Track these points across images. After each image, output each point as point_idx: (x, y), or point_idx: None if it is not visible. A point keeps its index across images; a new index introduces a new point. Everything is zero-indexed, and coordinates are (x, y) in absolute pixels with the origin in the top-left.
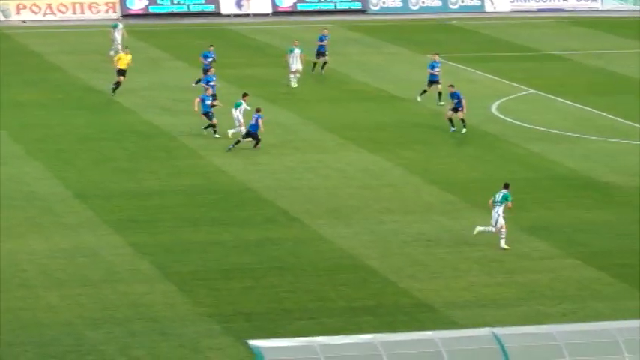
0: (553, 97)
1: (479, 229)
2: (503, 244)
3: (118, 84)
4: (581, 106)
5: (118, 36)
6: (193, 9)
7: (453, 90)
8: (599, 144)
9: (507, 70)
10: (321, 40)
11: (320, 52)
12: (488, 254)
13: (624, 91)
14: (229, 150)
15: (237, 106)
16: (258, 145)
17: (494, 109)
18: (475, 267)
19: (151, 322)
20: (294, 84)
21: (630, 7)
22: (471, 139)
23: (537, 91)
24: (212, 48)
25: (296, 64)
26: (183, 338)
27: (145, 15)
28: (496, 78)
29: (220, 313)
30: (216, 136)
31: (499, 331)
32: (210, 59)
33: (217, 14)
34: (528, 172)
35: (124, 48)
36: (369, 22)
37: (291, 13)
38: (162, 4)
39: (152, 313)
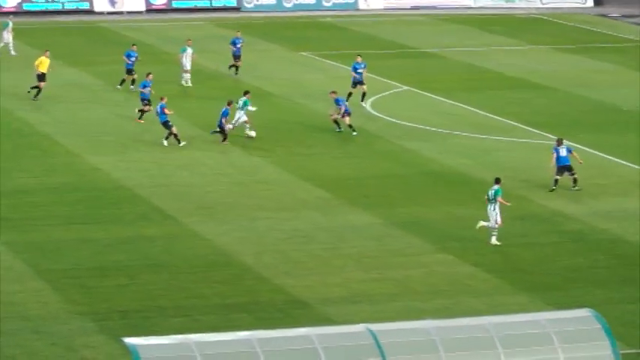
0: (427, 93)
1: (482, 223)
2: (494, 240)
3: (39, 89)
4: (455, 103)
5: (7, 35)
6: (68, 6)
7: (335, 96)
8: (472, 140)
9: (381, 67)
10: (234, 43)
11: (236, 56)
12: (362, 250)
13: (497, 88)
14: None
15: (245, 104)
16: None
17: (368, 106)
18: (349, 263)
19: (24, 320)
20: (188, 83)
21: (502, 4)
22: (345, 136)
23: (411, 88)
24: (135, 47)
25: (189, 63)
26: (57, 337)
27: (18, 12)
28: (370, 75)
29: (95, 312)
30: (182, 144)
31: (374, 327)
32: (133, 58)
33: (91, 12)
34: (402, 169)
35: (45, 50)
36: (243, 19)
37: (166, 10)
38: (36, 2)
39: (24, 311)
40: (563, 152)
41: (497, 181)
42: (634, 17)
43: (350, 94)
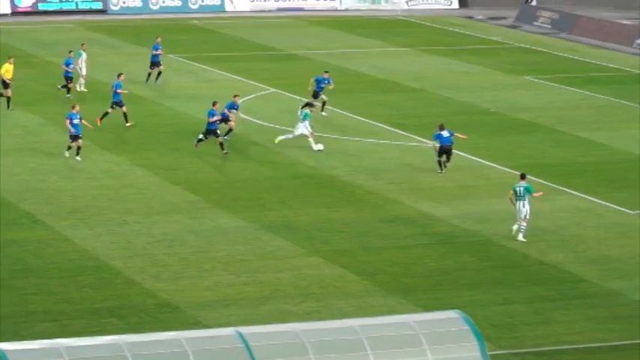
0: (295, 96)
1: (515, 227)
2: (521, 237)
3: (8, 98)
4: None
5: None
6: None
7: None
8: (341, 143)
9: (249, 69)
10: (156, 49)
11: (154, 62)
12: (231, 254)
13: (365, 90)
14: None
15: (306, 117)
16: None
17: None
18: (219, 267)
19: None
20: (82, 88)
21: (368, 6)
22: (213, 140)
23: (279, 91)
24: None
25: (85, 68)
26: None
27: None
28: (238, 77)
29: None
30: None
31: (244, 330)
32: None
33: None
34: (271, 171)
35: (9, 57)
36: (110, 22)
37: (31, 13)
38: None
39: None
40: (445, 134)
41: (523, 176)
42: (500, 19)
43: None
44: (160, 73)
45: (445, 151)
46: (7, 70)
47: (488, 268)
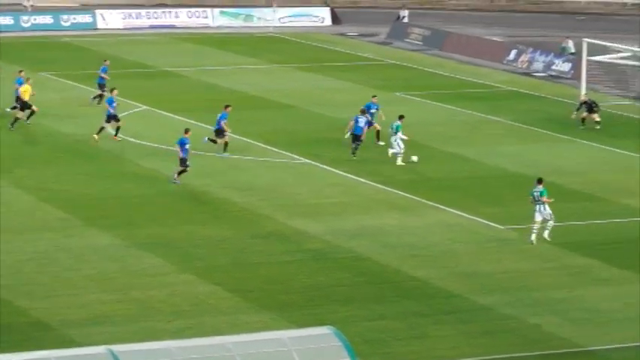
0: (167, 113)
1: (533, 237)
2: (547, 234)
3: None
4: (196, 122)
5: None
6: None
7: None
8: (214, 159)
9: (121, 86)
10: (103, 71)
11: (101, 85)
12: (103, 272)
13: (237, 107)
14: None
15: (397, 129)
16: None
17: (107, 126)
18: (91, 284)
19: None
20: None
21: (240, 23)
22: (85, 156)
23: (151, 108)
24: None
25: None
26: None
27: None
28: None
29: None
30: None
31: (116, 348)
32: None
33: None
34: (143, 189)
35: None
36: None
37: None
38: None
39: None
40: (361, 123)
41: (540, 181)
42: (372, 36)
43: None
44: (101, 96)
45: (357, 138)
46: (25, 90)
47: (361, 284)
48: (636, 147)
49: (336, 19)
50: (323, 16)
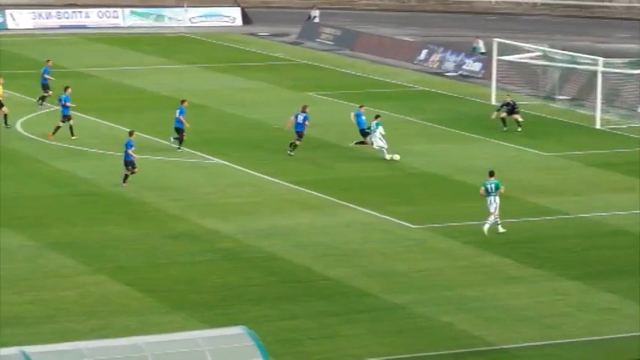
0: (79, 114)
1: (487, 227)
2: (501, 228)
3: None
4: (108, 123)
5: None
6: None
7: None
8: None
9: (31, 86)
10: (45, 72)
11: (44, 85)
12: (15, 273)
13: (150, 108)
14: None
15: (377, 126)
16: None
17: (18, 126)
18: (3, 286)
19: None
20: None
21: (151, 23)
22: None
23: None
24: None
25: None
26: None
27: None
28: (19, 95)
29: None
30: None
31: (28, 349)
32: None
33: None
34: (55, 189)
35: None
36: None
37: None
38: None
39: None
40: (300, 119)
41: (492, 174)
42: (283, 36)
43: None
44: (44, 97)
45: (299, 134)
46: None
47: (273, 284)
48: (547, 146)
49: (247, 19)
50: (234, 16)
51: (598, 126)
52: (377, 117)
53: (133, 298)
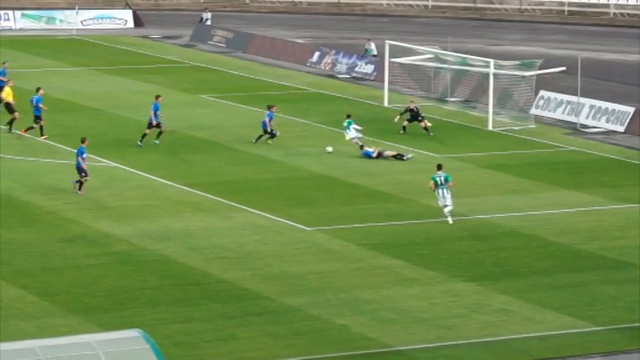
0: None
1: (450, 219)
2: (450, 220)
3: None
4: None
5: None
6: None
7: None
8: (17, 163)
9: None
10: (2, 74)
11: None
12: None
13: (43, 111)
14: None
15: (349, 124)
16: None
17: None
18: None
19: None
20: None
21: (42, 25)
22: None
23: None
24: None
25: None
26: None
27: None
28: None
29: None
30: None
31: None
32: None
33: None
34: None
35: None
36: None
37: None
38: None
39: None
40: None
41: (440, 167)
42: (175, 38)
43: None
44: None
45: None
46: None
47: (168, 286)
48: (440, 148)
49: (138, 21)
50: (125, 18)
51: (490, 128)
52: (348, 116)
53: (28, 302)
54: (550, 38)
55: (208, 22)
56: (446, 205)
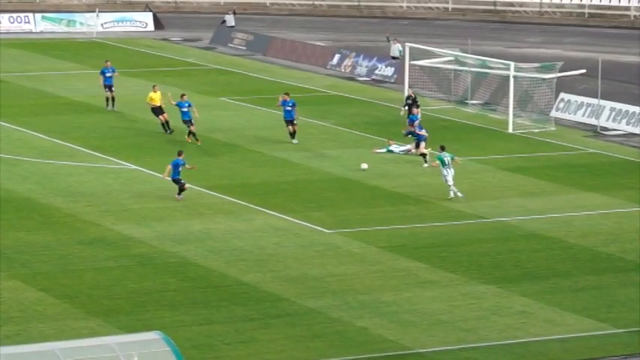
0: None
1: (457, 194)
2: (460, 194)
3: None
4: (19, 128)
5: None
6: None
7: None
8: (38, 165)
9: None
10: (108, 71)
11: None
12: None
13: (62, 112)
14: None
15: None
16: None
17: None
18: None
19: None
20: None
21: (63, 28)
22: None
23: None
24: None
25: None
26: None
27: None
28: None
29: None
30: None
31: None
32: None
33: None
34: None
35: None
36: None
37: None
38: None
39: None
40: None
41: (443, 147)
42: (195, 41)
43: None
44: None
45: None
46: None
47: (188, 289)
48: (460, 150)
49: (158, 24)
50: (146, 21)
51: (510, 130)
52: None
53: (48, 304)
54: (570, 40)
55: (231, 24)
56: (450, 183)
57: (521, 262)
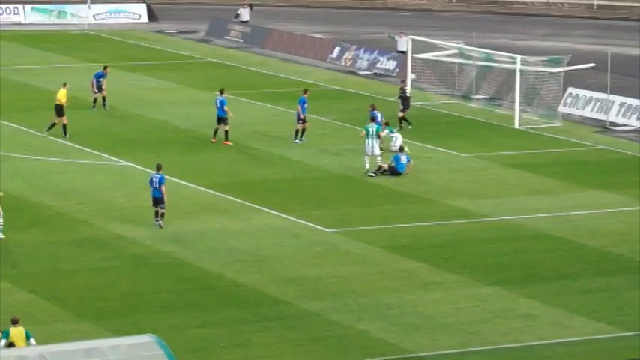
0: None
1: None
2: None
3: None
4: (7, 123)
5: None
6: None
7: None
8: (28, 162)
9: None
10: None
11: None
12: None
13: (51, 108)
14: None
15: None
16: None
17: None
18: None
19: None
20: None
21: (53, 20)
22: None
23: None
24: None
25: None
26: None
27: None
28: None
29: None
30: None
31: None
32: None
33: None
34: None
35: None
36: None
37: None
38: None
39: None
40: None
41: (373, 119)
42: (191, 33)
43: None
44: None
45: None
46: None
47: (183, 291)
48: (464, 147)
49: (153, 15)
50: (139, 12)
51: (517, 126)
52: (386, 124)
53: (38, 307)
54: (578, 33)
55: (246, 18)
56: (375, 155)
57: (528, 263)
